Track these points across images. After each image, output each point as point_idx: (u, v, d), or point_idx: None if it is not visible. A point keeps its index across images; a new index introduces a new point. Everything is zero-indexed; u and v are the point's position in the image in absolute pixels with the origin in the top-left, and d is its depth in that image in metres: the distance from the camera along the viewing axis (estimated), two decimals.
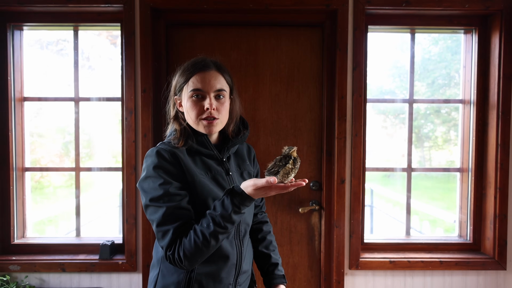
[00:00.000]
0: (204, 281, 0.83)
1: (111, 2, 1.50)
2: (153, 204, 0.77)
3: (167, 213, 0.76)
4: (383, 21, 1.61)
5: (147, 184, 0.79)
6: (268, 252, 1.01)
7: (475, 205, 1.65)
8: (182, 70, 0.87)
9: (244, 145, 1.01)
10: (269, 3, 1.51)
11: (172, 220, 0.76)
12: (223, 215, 0.73)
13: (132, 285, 1.56)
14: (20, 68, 1.64)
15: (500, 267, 1.56)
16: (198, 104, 0.83)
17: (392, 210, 3.30)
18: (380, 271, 1.58)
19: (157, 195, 0.77)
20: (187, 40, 1.60)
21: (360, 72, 1.53)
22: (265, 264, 1.00)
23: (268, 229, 1.06)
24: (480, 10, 1.54)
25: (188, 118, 0.86)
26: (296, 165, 0.76)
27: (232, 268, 0.86)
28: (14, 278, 1.55)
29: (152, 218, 0.78)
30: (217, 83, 0.84)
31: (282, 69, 1.61)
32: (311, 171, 1.63)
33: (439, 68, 1.84)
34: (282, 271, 1.01)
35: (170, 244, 0.75)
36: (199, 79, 0.83)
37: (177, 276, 0.83)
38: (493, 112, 1.58)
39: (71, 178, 1.77)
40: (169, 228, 0.75)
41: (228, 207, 0.73)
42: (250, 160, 1.00)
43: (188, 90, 0.83)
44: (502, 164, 1.54)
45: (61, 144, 1.79)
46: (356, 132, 1.54)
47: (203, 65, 0.84)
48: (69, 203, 1.84)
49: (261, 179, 0.71)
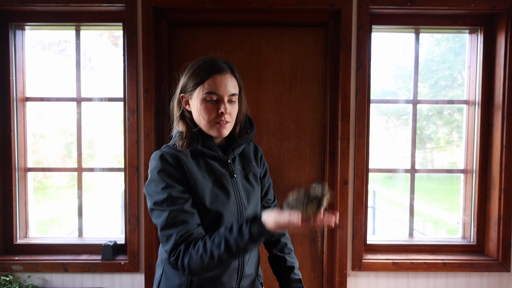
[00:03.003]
0: (205, 285, 0.82)
1: (113, 1, 1.49)
2: (157, 208, 0.77)
3: (170, 216, 0.75)
4: (387, 20, 1.59)
5: (151, 188, 0.80)
6: (283, 255, 0.98)
7: (479, 207, 1.63)
8: (196, 69, 0.84)
9: (251, 145, 1.00)
10: (272, 2, 1.49)
11: (176, 224, 0.75)
12: (237, 241, 0.71)
13: (135, 285, 1.56)
14: (22, 68, 1.64)
15: (504, 269, 1.55)
16: (213, 107, 0.82)
17: (394, 212, 3.28)
18: (383, 273, 1.57)
19: (160, 199, 0.77)
20: (190, 40, 1.59)
21: (364, 72, 1.52)
22: (280, 268, 0.98)
23: (282, 232, 1.03)
24: (485, 10, 1.52)
25: (199, 119, 0.84)
26: (321, 206, 0.67)
27: (234, 273, 0.86)
28: (17, 278, 1.55)
29: (156, 222, 0.78)
30: (232, 88, 0.83)
31: (285, 69, 1.60)
32: (313, 172, 1.62)
33: (441, 69, 1.83)
34: (298, 274, 0.97)
35: (173, 248, 0.75)
36: (216, 82, 0.81)
37: (179, 279, 0.83)
38: (498, 113, 1.56)
39: (73, 179, 1.77)
40: (172, 232, 0.75)
41: (245, 234, 0.71)
42: (257, 161, 0.98)
43: (203, 92, 0.82)
44: (507, 166, 1.53)
45: (63, 144, 1.78)
46: (360, 133, 1.53)
47: (220, 67, 0.82)
48: (71, 204, 1.85)
49: (283, 216, 0.68)
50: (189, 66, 0.87)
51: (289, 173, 1.62)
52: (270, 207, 1.04)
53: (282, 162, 1.61)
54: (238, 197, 0.86)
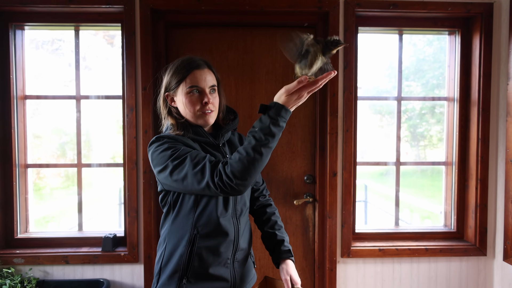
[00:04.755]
0: (204, 254, 0.91)
1: (112, 3, 1.55)
2: (177, 162, 0.82)
3: (193, 156, 0.82)
4: (372, 22, 1.70)
5: (161, 158, 0.86)
6: (273, 231, 1.06)
7: (459, 196, 1.75)
8: (177, 68, 0.94)
9: (236, 134, 1.10)
10: (265, 5, 1.58)
11: (200, 160, 0.82)
12: (262, 128, 0.77)
13: (134, 275, 1.62)
14: (22, 67, 1.68)
15: (481, 253, 1.67)
16: (197, 99, 0.92)
17: (385, 204, 3.45)
18: (370, 259, 1.67)
19: (176, 155, 0.84)
20: (186, 40, 1.66)
21: (351, 70, 1.62)
22: (271, 243, 1.06)
23: (272, 211, 1.11)
24: (462, 13, 1.64)
25: (186, 112, 0.94)
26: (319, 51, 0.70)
27: (230, 244, 0.94)
28: (18, 271, 1.60)
29: (182, 174, 0.81)
30: (211, 80, 0.94)
31: (277, 68, 1.68)
32: (305, 165, 1.72)
33: (433, 69, 1.92)
34: (288, 246, 1.04)
35: (212, 173, 0.79)
36: (196, 76, 0.92)
37: (180, 250, 0.91)
38: (474, 109, 1.68)
39: (68, 180, 1.81)
40: (203, 164, 0.80)
41: (266, 120, 0.77)
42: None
43: (187, 87, 0.92)
44: (482, 157, 1.65)
45: (57, 144, 1.82)
46: (347, 127, 1.63)
47: (197, 64, 0.93)
48: (67, 203, 1.90)
49: (291, 83, 0.74)
50: (170, 66, 0.97)
51: (282, 166, 1.71)
52: (259, 190, 1.14)
53: (275, 156, 1.70)
54: None
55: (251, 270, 1.05)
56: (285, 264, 1.00)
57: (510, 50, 1.57)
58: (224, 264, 0.94)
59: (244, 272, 1.00)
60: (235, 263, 0.97)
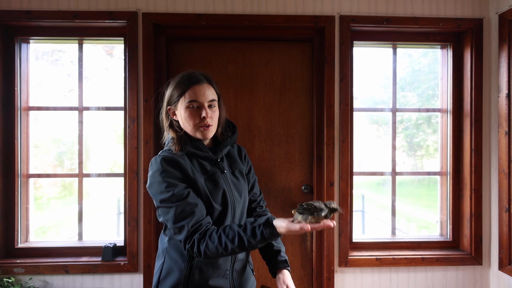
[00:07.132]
0: (204, 267, 0.94)
1: (116, 18, 1.61)
2: (164, 206, 0.89)
3: (178, 211, 0.87)
4: (367, 37, 1.76)
5: (155, 189, 0.90)
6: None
7: (454, 206, 1.78)
8: (177, 84, 0.98)
9: (235, 146, 1.13)
10: (263, 20, 1.64)
11: (184, 217, 0.87)
12: (250, 239, 0.83)
13: (134, 285, 1.63)
14: (26, 79, 1.73)
15: (477, 262, 1.69)
16: (196, 114, 0.96)
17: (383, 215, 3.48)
18: (367, 268, 1.69)
19: (166, 197, 0.88)
20: (187, 53, 1.71)
21: (347, 83, 1.67)
22: (268, 252, 1.09)
23: None
24: (453, 28, 1.70)
25: (185, 126, 0.98)
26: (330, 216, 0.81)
27: (228, 257, 0.97)
28: (18, 281, 1.61)
29: (166, 218, 0.90)
30: (210, 95, 0.97)
31: (275, 80, 1.73)
32: (303, 175, 1.75)
33: (428, 79, 1.96)
34: (284, 256, 1.07)
35: (187, 237, 0.86)
36: (195, 91, 0.95)
37: (180, 264, 0.94)
38: (467, 120, 1.73)
39: (65, 190, 1.83)
40: (183, 224, 0.87)
41: (258, 235, 0.83)
42: (241, 159, 1.11)
43: (186, 102, 0.95)
44: (476, 167, 1.69)
45: (55, 154, 1.84)
46: (344, 138, 1.67)
47: (197, 79, 0.97)
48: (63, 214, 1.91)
49: (295, 225, 0.80)
50: (172, 81, 1.01)
51: (280, 176, 1.74)
52: (256, 201, 1.16)
53: (273, 166, 1.73)
54: (229, 190, 0.99)
55: (250, 277, 1.08)
56: (282, 274, 1.03)
57: (500, 64, 1.63)
58: (223, 275, 0.96)
59: (243, 280, 1.03)
60: (234, 273, 0.99)
